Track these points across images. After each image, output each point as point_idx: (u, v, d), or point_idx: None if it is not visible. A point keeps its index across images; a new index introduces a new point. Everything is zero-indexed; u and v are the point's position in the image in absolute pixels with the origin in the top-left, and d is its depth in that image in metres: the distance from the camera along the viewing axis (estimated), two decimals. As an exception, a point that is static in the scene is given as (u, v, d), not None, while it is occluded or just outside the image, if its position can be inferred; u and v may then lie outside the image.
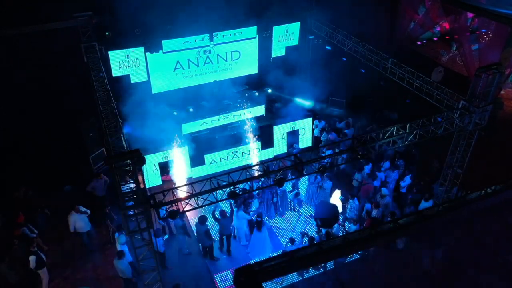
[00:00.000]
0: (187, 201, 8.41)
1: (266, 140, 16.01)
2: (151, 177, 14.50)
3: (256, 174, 10.32)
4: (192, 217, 14.44)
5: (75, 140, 14.29)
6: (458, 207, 7.15)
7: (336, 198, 13.12)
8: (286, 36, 17.12)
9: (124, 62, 14.68)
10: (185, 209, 8.40)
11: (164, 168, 14.91)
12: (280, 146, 16.27)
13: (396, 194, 14.20)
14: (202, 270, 12.44)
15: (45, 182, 14.24)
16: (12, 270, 11.40)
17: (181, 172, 14.78)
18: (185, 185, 8.38)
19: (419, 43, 23.62)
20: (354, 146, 9.63)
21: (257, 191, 13.92)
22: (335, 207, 11.38)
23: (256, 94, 17.68)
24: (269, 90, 18.11)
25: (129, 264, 11.11)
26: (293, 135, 16.32)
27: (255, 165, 9.45)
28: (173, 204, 8.12)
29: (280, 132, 16.01)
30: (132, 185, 7.72)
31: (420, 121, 10.17)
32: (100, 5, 13.52)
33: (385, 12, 21.34)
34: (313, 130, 16.83)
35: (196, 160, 15.10)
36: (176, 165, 14.72)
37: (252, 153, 15.63)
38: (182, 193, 8.69)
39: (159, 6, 13.84)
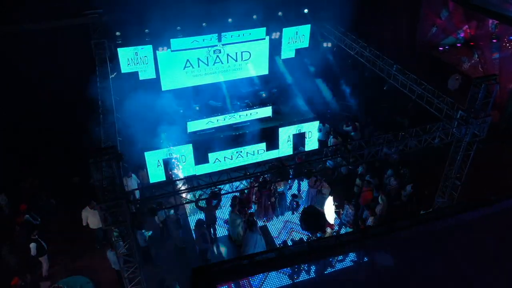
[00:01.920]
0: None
1: (271, 141, 15.99)
2: (156, 173, 14.78)
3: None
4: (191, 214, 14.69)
5: (81, 134, 14.75)
6: (433, 219, 6.97)
7: (329, 204, 12.98)
8: (296, 38, 16.98)
9: (133, 59, 14.97)
10: (166, 207, 8.58)
11: (168, 164, 15.16)
12: (285, 148, 16.19)
13: (398, 204, 13.95)
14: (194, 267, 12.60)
15: (52, 174, 14.78)
16: (12, 254, 11.94)
17: (185, 169, 14.99)
18: (165, 182, 8.55)
19: (440, 48, 22.88)
20: (342, 152, 9.54)
21: (255, 192, 14.03)
22: (319, 212, 11.28)
23: (264, 95, 17.68)
24: (276, 91, 18.08)
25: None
26: (299, 138, 16.22)
27: (239, 168, 9.46)
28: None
29: (286, 134, 15.91)
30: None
31: (413, 130, 9.94)
32: (110, 3, 13.87)
33: (405, 14, 20.85)
34: (318, 134, 16.66)
35: (201, 158, 15.25)
36: (180, 162, 14.94)
37: (257, 154, 15.64)
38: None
39: (167, 5, 14.09)
